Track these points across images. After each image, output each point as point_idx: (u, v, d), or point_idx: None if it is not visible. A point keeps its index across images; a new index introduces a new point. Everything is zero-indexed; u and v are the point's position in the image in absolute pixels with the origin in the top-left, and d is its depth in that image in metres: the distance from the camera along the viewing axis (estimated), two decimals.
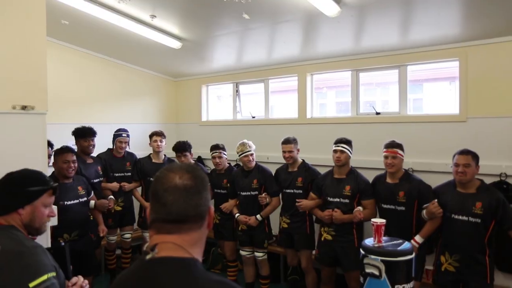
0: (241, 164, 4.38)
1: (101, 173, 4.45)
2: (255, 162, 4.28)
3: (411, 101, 4.93)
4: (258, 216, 4.18)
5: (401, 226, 3.41)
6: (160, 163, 4.73)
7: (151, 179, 4.73)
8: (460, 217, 3.17)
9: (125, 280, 1.17)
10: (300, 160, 4.17)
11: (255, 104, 5.99)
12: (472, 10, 3.54)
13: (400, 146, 3.53)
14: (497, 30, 3.76)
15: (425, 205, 3.34)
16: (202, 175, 1.18)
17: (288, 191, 4.13)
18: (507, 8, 3.34)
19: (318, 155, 4.56)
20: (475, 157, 3.17)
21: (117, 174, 4.70)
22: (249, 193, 4.24)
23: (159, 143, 4.73)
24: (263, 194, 4.16)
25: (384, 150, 3.54)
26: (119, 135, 4.71)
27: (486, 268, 3.11)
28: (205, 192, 1.17)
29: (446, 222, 3.24)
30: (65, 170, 3.64)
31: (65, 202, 3.61)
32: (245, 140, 4.26)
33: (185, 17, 4.26)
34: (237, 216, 4.28)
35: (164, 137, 4.80)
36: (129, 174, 4.79)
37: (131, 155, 4.90)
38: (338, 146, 3.73)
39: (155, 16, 4.14)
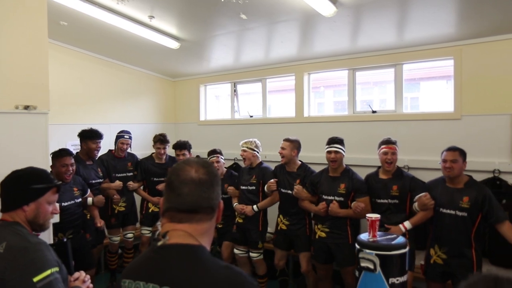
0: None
1: (101, 174, 4.47)
2: (259, 161, 4.34)
3: (408, 99, 4.99)
4: (255, 207, 4.20)
5: (394, 219, 3.50)
6: (163, 163, 4.84)
7: (155, 179, 4.79)
8: (448, 211, 3.29)
9: (138, 265, 1.24)
10: (299, 162, 4.18)
11: (253, 104, 6.04)
12: (466, 10, 3.59)
13: (396, 143, 3.64)
14: (490, 29, 3.83)
15: (417, 197, 3.43)
16: (215, 171, 1.28)
17: (286, 191, 4.12)
18: (500, 8, 3.40)
19: (315, 154, 4.61)
20: (462, 153, 3.30)
21: (119, 175, 4.73)
22: (246, 188, 4.30)
23: (162, 151, 4.81)
24: (272, 180, 4.17)
25: (384, 146, 3.61)
26: (121, 136, 4.75)
27: (473, 261, 3.21)
28: (218, 187, 1.26)
29: (436, 216, 3.35)
30: (63, 174, 3.65)
31: (62, 204, 3.62)
32: (255, 139, 4.34)
33: (183, 17, 4.30)
34: (235, 205, 4.33)
35: (167, 142, 4.85)
36: (131, 174, 4.83)
37: (132, 155, 4.95)
38: (332, 147, 3.76)
39: (153, 17, 4.18)
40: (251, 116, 5.89)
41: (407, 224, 3.41)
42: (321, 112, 5.70)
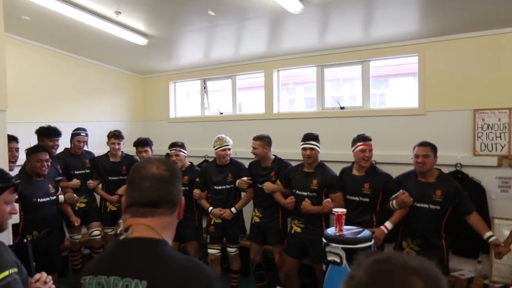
0: (216, 158, 4.32)
1: (61, 171, 4.38)
2: (230, 158, 4.29)
3: (377, 96, 5.10)
4: (233, 209, 4.19)
5: (364, 216, 3.54)
6: (117, 162, 4.74)
7: (109, 177, 4.71)
8: (422, 205, 3.37)
9: (99, 261, 1.25)
10: (272, 157, 4.21)
11: (223, 101, 6.02)
12: (429, 8, 3.69)
13: (371, 139, 3.63)
14: (453, 28, 3.94)
15: (393, 196, 3.47)
16: (176, 168, 1.33)
17: (262, 186, 4.12)
18: (462, 7, 3.50)
19: (285, 150, 4.64)
20: (433, 148, 3.38)
21: (77, 172, 4.64)
22: (224, 187, 4.24)
23: (116, 146, 4.69)
24: (245, 178, 4.17)
25: (361, 143, 3.58)
26: (77, 134, 4.63)
27: (443, 251, 3.33)
28: (178, 183, 1.31)
29: (409, 210, 3.42)
30: (38, 169, 3.71)
31: (38, 199, 3.68)
32: (223, 135, 4.27)
33: (150, 13, 4.24)
34: (211, 210, 4.25)
35: (122, 138, 4.75)
36: (89, 171, 4.73)
37: (89, 153, 4.84)
38: (307, 144, 3.77)
39: (120, 13, 4.10)
40: (221, 113, 5.88)
41: (388, 224, 3.43)
42: (292, 108, 5.74)
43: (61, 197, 4.13)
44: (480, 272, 3.78)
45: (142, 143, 4.68)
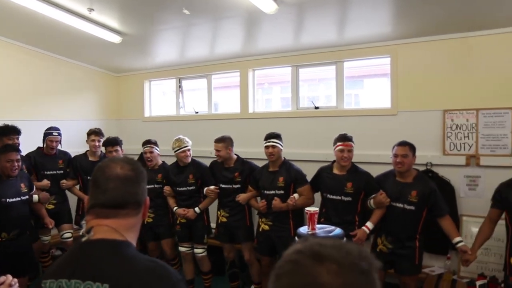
0: (177, 159, 4.31)
1: (26, 171, 4.19)
2: (191, 158, 4.28)
3: (352, 96, 5.17)
4: (197, 209, 4.19)
5: (346, 216, 3.56)
6: (96, 161, 4.61)
7: (88, 177, 4.61)
8: (398, 205, 3.41)
9: (60, 264, 1.22)
10: (235, 157, 4.22)
11: (199, 100, 6.00)
12: (402, 10, 3.76)
13: (352, 139, 3.63)
14: (424, 30, 4.03)
15: (372, 196, 3.51)
16: (141, 168, 1.30)
17: (226, 186, 4.15)
18: (432, 10, 3.59)
19: (261, 149, 4.62)
20: (412, 148, 3.42)
21: (48, 172, 4.52)
22: (185, 188, 4.23)
23: (97, 143, 4.59)
24: (212, 187, 4.16)
25: (340, 143, 3.57)
26: (49, 134, 4.49)
27: (416, 251, 3.39)
28: (143, 183, 1.28)
29: (386, 209, 3.46)
30: (8, 169, 3.60)
31: (6, 200, 3.54)
32: (180, 136, 4.25)
33: (124, 11, 4.18)
34: (175, 210, 4.26)
35: (102, 136, 4.65)
36: (62, 172, 4.61)
37: (64, 153, 4.72)
38: (269, 142, 3.82)
39: (93, 10, 4.03)
40: (197, 112, 5.85)
41: (370, 224, 3.46)
42: (269, 108, 5.76)
43: (35, 197, 3.99)
44: (449, 268, 3.88)
45: (112, 143, 4.55)
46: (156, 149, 4.48)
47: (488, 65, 3.87)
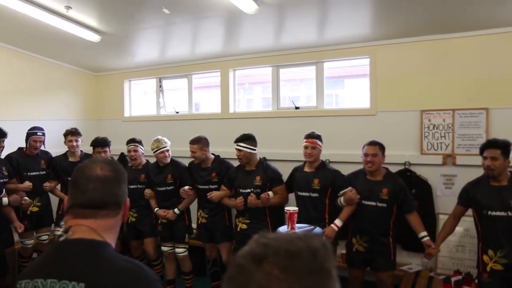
0: (157, 159, 4.32)
1: (6, 173, 4.11)
2: (170, 158, 4.28)
3: (333, 96, 5.22)
4: (176, 210, 4.20)
5: (314, 212, 3.62)
6: (77, 161, 4.49)
7: (69, 178, 4.53)
8: (369, 203, 3.47)
9: (37, 264, 1.21)
10: (212, 157, 4.22)
11: (180, 100, 5.96)
12: (381, 12, 3.81)
13: (319, 137, 3.70)
14: (402, 32, 4.09)
15: (341, 192, 3.54)
16: (121, 169, 1.30)
17: (203, 187, 4.15)
18: (411, 12, 3.66)
19: None
20: (381, 147, 3.50)
21: (31, 174, 4.41)
22: (164, 188, 4.23)
23: (74, 143, 4.48)
24: (186, 188, 4.17)
25: (304, 140, 3.68)
26: (33, 134, 4.37)
27: (390, 247, 3.48)
28: (123, 184, 1.28)
29: (357, 208, 3.51)
30: None
31: None
32: (159, 136, 4.25)
33: (103, 9, 4.12)
34: (156, 211, 4.27)
35: (80, 135, 4.55)
36: (44, 173, 4.52)
37: (46, 153, 4.62)
38: (236, 146, 3.84)
39: (71, 8, 3.96)
40: (177, 112, 5.81)
41: (338, 222, 3.48)
42: (250, 108, 5.76)
43: (5, 200, 3.87)
44: (426, 265, 3.95)
45: (101, 144, 4.48)
46: (141, 148, 4.47)
47: (464, 66, 3.96)
